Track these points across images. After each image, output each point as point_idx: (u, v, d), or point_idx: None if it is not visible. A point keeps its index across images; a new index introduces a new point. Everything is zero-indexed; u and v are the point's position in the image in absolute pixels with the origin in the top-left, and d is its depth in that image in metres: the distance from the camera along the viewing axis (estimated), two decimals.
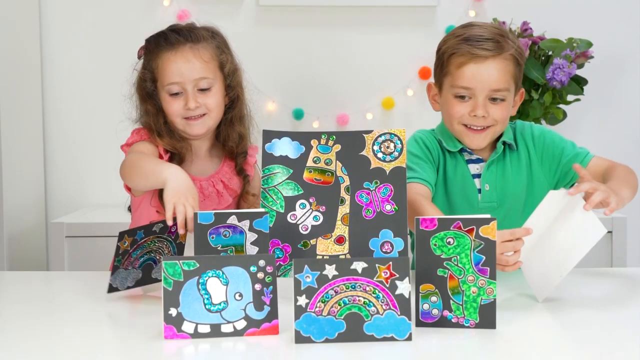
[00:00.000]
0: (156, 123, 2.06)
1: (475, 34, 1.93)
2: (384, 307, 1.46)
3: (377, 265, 1.47)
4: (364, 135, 1.75)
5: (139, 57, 2.11)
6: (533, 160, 2.01)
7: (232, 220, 1.65)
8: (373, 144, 1.74)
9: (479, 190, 1.99)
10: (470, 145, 1.98)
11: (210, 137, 2.12)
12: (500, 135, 2.00)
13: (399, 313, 1.46)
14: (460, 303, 1.53)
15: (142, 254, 1.78)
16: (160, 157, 2.04)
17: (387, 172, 1.73)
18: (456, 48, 1.93)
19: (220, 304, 1.49)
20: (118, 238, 1.78)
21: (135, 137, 2.08)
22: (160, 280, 1.54)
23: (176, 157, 2.06)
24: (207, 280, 1.48)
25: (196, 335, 1.48)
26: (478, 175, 2.00)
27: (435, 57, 2.02)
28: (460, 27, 1.99)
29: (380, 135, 1.74)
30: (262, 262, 1.49)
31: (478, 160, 2.01)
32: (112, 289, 1.76)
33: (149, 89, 2.06)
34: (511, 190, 1.99)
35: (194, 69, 2.02)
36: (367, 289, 1.46)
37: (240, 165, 2.11)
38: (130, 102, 2.12)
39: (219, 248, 1.65)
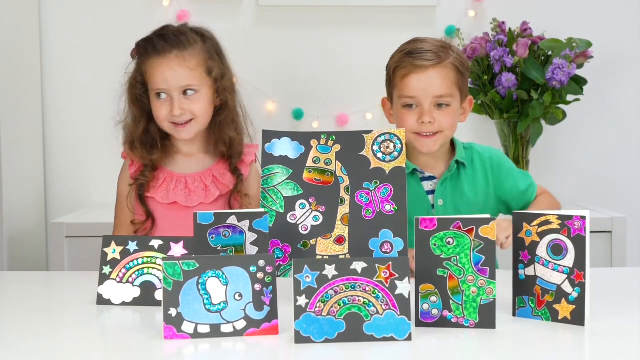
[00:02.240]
0: (134, 131, 2.11)
1: (417, 48, 2.07)
2: (383, 307, 1.46)
3: (376, 265, 1.47)
4: (364, 135, 1.75)
5: (132, 58, 2.13)
6: (490, 182, 2.13)
7: (232, 220, 1.65)
8: (373, 144, 1.74)
9: (433, 206, 2.08)
10: (422, 150, 2.07)
11: (201, 138, 2.14)
12: (454, 154, 2.12)
13: (398, 313, 1.46)
14: (460, 303, 1.53)
15: (139, 270, 1.74)
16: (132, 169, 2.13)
17: (387, 172, 1.73)
18: (400, 61, 2.07)
19: (220, 304, 1.49)
20: (103, 243, 1.75)
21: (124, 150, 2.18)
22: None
23: (148, 167, 2.10)
24: (207, 280, 1.48)
25: (196, 335, 1.48)
26: (432, 192, 2.10)
27: (385, 73, 2.14)
28: (405, 43, 2.12)
29: (380, 136, 1.75)
30: (261, 262, 1.49)
31: (431, 178, 2.11)
32: (102, 300, 1.72)
33: (138, 92, 2.09)
34: (464, 205, 2.09)
35: (178, 77, 2.04)
36: (367, 289, 1.47)
37: (235, 164, 2.12)
38: (119, 102, 2.15)
39: (218, 248, 1.65)
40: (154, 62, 2.06)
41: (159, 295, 1.71)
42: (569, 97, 2.87)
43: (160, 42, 2.06)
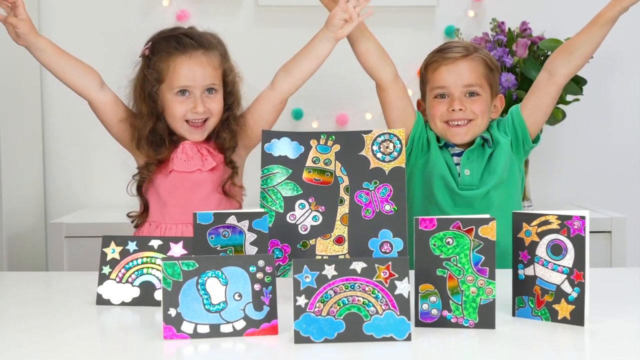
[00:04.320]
0: (142, 128, 2.10)
1: (447, 46, 2.24)
2: (383, 307, 1.46)
3: (376, 265, 1.47)
4: (363, 135, 1.75)
5: (143, 56, 2.12)
6: (511, 146, 2.19)
7: (232, 220, 1.65)
8: (372, 144, 1.74)
9: (459, 174, 2.18)
10: (454, 141, 2.18)
11: None
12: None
13: (398, 313, 1.46)
14: (460, 303, 1.53)
15: (138, 270, 1.74)
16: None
17: (387, 172, 1.73)
18: (431, 58, 2.23)
19: (219, 304, 1.49)
20: (102, 243, 1.75)
21: None
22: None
23: (152, 163, 2.12)
24: (206, 280, 1.48)
25: (195, 335, 1.48)
26: (459, 164, 2.20)
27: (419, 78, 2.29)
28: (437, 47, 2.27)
29: (379, 135, 1.75)
30: (261, 262, 1.49)
31: (460, 153, 2.20)
32: (102, 300, 1.72)
33: (150, 90, 2.08)
34: (490, 174, 2.17)
35: (206, 75, 2.08)
36: (367, 289, 1.46)
37: (229, 157, 2.14)
38: (127, 98, 2.16)
39: (218, 248, 1.65)
40: (179, 58, 2.07)
41: (158, 295, 1.71)
42: (569, 97, 2.87)
43: (186, 39, 2.08)
